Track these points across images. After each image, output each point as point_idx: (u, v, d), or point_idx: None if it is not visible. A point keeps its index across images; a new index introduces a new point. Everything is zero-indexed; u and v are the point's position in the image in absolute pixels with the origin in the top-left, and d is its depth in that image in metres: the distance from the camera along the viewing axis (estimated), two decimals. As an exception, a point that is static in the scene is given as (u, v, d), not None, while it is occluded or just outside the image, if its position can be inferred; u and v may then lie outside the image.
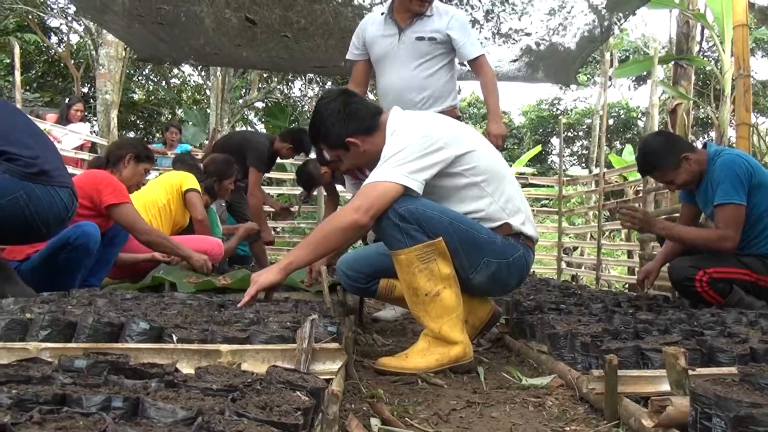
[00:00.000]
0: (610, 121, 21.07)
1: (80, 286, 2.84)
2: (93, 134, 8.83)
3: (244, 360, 1.39)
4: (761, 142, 8.58)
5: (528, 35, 5.91)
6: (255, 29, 5.72)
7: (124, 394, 0.83)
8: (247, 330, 1.53)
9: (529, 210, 2.27)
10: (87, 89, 16.38)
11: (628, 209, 3.02)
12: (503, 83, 7.06)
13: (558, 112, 23.91)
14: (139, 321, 1.49)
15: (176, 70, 19.00)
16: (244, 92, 17.67)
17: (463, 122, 2.49)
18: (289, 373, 1.07)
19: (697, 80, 8.39)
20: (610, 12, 5.36)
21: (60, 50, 16.07)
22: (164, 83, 19.29)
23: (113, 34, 7.42)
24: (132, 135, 18.82)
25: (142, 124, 19.95)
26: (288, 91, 18.72)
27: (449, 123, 2.20)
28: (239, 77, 15.94)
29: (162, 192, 3.98)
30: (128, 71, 13.92)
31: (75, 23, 14.83)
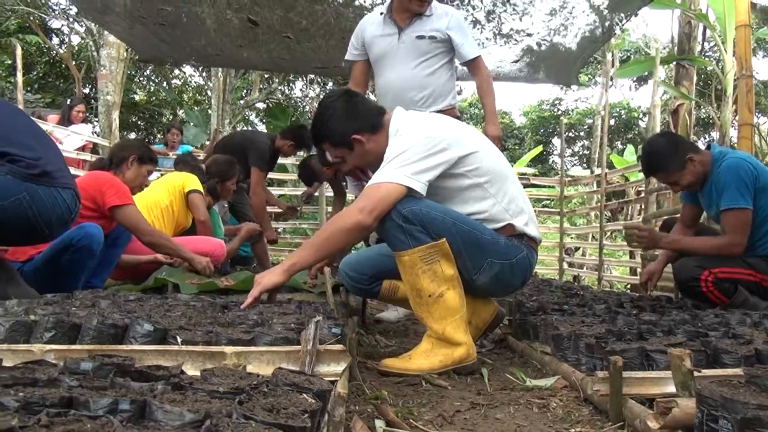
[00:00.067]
0: (611, 122, 21.05)
1: (83, 288, 2.84)
2: (94, 135, 8.83)
3: (249, 362, 1.38)
4: (762, 143, 8.56)
5: (529, 36, 5.92)
6: (256, 30, 5.73)
7: (131, 397, 0.83)
8: (252, 332, 1.53)
9: (532, 211, 2.27)
10: (88, 90, 16.40)
11: (633, 229, 3.03)
12: (505, 83, 7.06)
13: (559, 113, 23.90)
14: (144, 323, 1.49)
15: (177, 71, 19.02)
16: (246, 93, 17.68)
17: (464, 122, 2.50)
18: (295, 375, 1.06)
19: (699, 80, 8.38)
20: (612, 12, 5.36)
21: (61, 51, 16.10)
22: (165, 84, 19.30)
23: (115, 35, 7.43)
24: (133, 136, 18.85)
25: (144, 125, 19.97)
26: (289, 92, 18.74)
27: (452, 124, 2.20)
28: (240, 78, 15.95)
29: (164, 193, 3.98)
30: (129, 72, 13.94)
31: (76, 24, 14.87)
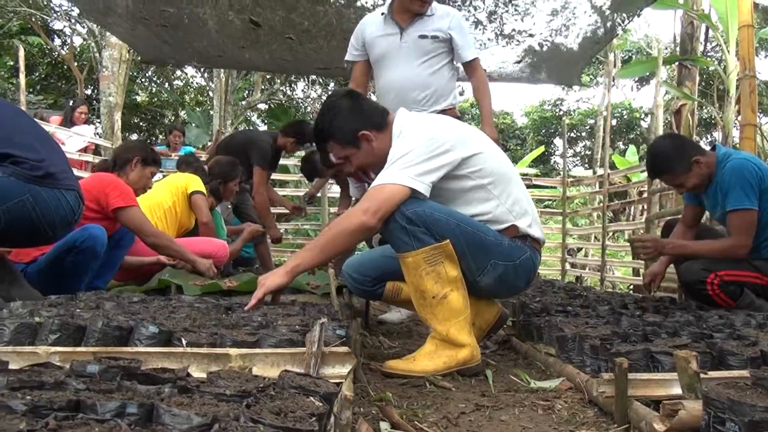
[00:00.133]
0: (613, 122, 21.04)
1: (86, 289, 2.84)
2: (96, 136, 8.84)
3: (254, 364, 1.38)
4: (765, 143, 8.54)
5: (531, 36, 5.91)
6: (258, 31, 5.73)
7: (138, 400, 0.83)
8: (256, 333, 1.53)
9: (536, 212, 2.27)
10: (90, 91, 16.43)
11: (636, 242, 3.04)
12: (507, 84, 7.07)
13: (561, 113, 23.89)
14: (148, 325, 1.49)
15: (179, 72, 19.06)
16: (247, 94, 17.71)
17: (465, 123, 2.51)
18: (302, 378, 1.06)
19: (700, 80, 8.36)
20: (614, 13, 5.36)
21: (63, 53, 16.12)
22: (167, 85, 19.34)
23: (117, 37, 7.44)
24: (135, 137, 18.87)
25: (145, 126, 20.00)
26: (291, 93, 18.77)
27: (456, 125, 2.20)
28: (242, 79, 15.97)
29: (167, 194, 3.99)
30: (131, 73, 13.95)
31: (78, 26, 14.88)
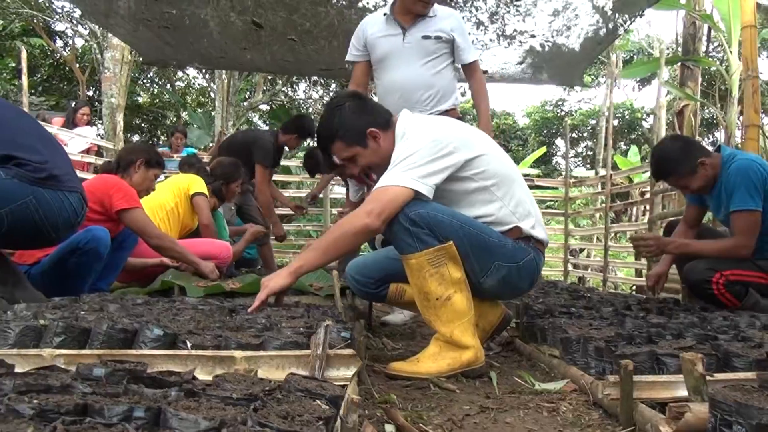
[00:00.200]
0: (615, 122, 21.04)
1: (89, 290, 2.85)
2: (99, 138, 8.85)
3: (259, 366, 1.38)
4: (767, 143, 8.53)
5: (533, 37, 5.91)
6: (260, 32, 5.74)
7: (146, 404, 0.83)
8: (261, 336, 1.53)
9: (539, 213, 2.26)
10: (92, 93, 16.45)
11: (638, 240, 3.04)
12: (508, 84, 7.07)
13: (562, 113, 23.87)
14: (153, 327, 1.49)
15: (180, 73, 19.08)
16: (249, 95, 17.72)
17: (467, 124, 2.52)
18: (308, 381, 1.06)
19: (702, 80, 8.34)
20: (616, 13, 5.35)
21: (65, 54, 16.14)
22: (169, 86, 19.35)
23: (119, 38, 7.45)
24: (137, 138, 18.89)
25: (147, 128, 20.02)
26: (293, 94, 18.76)
27: (459, 127, 2.20)
28: (244, 80, 15.98)
29: (170, 195, 3.99)
30: (133, 75, 13.96)
31: (80, 27, 14.89)
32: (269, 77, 16.88)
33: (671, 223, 3.53)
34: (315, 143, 5.58)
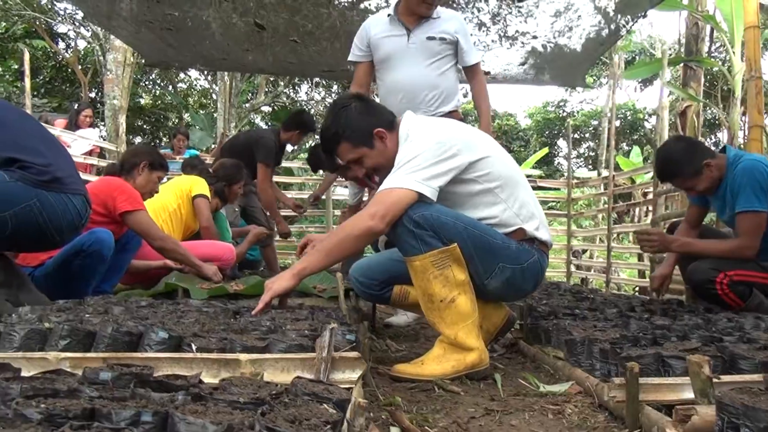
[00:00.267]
0: (617, 123, 21.02)
1: (93, 293, 2.85)
2: (101, 139, 8.86)
3: (264, 369, 1.38)
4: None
5: (535, 38, 5.90)
6: (262, 34, 5.73)
7: (153, 408, 0.83)
8: (266, 338, 1.53)
9: (543, 215, 2.26)
10: (94, 94, 16.47)
11: (643, 234, 3.03)
12: (511, 85, 7.07)
13: (564, 114, 23.85)
14: (158, 330, 1.49)
15: (182, 75, 19.10)
16: (251, 96, 17.74)
17: (469, 124, 2.53)
18: (314, 385, 1.06)
19: (704, 81, 8.31)
20: (618, 14, 5.34)
21: (67, 56, 16.17)
22: (171, 88, 19.38)
23: (121, 40, 7.46)
24: (139, 140, 18.92)
25: (149, 129, 20.05)
26: (294, 95, 18.77)
27: (463, 129, 2.20)
28: (246, 81, 16.00)
29: (172, 197, 4.00)
30: (135, 76, 13.98)
31: (82, 29, 14.92)
32: (271, 79, 16.90)
33: (674, 224, 3.52)
34: (317, 138, 5.61)
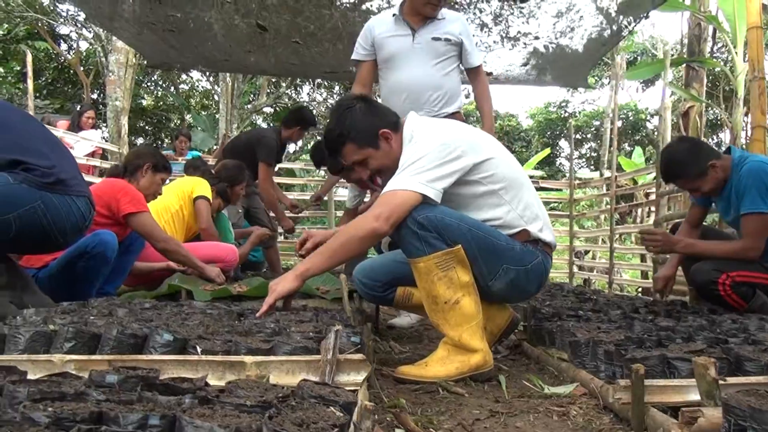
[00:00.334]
0: (619, 123, 20.97)
1: (96, 294, 2.85)
2: (103, 141, 8.87)
3: (269, 371, 1.38)
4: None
5: (537, 38, 5.90)
6: (264, 35, 5.74)
7: (160, 412, 0.83)
8: (271, 341, 1.53)
9: (547, 216, 2.26)
10: (96, 96, 16.49)
11: (648, 233, 3.02)
12: (513, 86, 7.06)
13: (566, 115, 23.83)
14: (163, 333, 1.49)
15: (184, 76, 19.11)
16: (253, 97, 17.74)
17: (471, 125, 2.54)
18: (321, 387, 1.06)
19: (706, 81, 8.29)
20: (620, 15, 5.34)
21: (70, 57, 16.19)
22: (173, 89, 19.39)
23: (123, 41, 7.46)
24: (141, 141, 18.93)
25: (151, 130, 20.06)
26: (296, 96, 18.78)
27: (467, 130, 2.19)
28: (248, 82, 16.01)
29: (174, 198, 4.00)
30: (137, 77, 14.00)
31: (84, 30, 14.95)
32: (273, 80, 16.91)
33: (677, 225, 3.52)
34: (317, 133, 5.62)
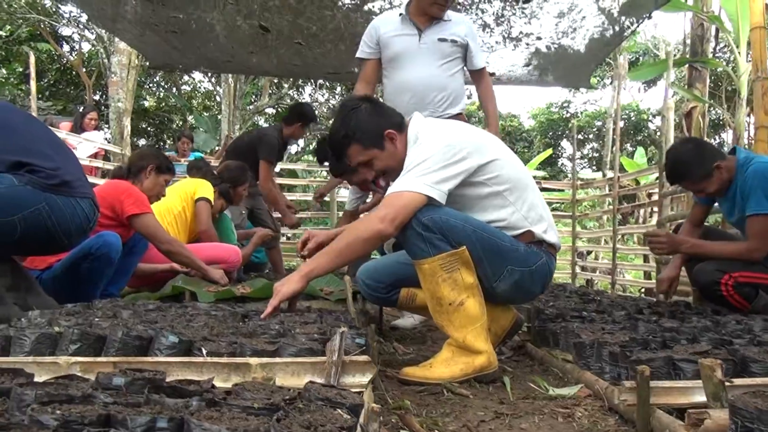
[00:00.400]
0: (621, 124, 20.95)
1: (100, 296, 2.85)
2: (106, 142, 8.88)
3: (275, 373, 1.38)
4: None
5: (539, 39, 5.90)
6: (266, 36, 5.74)
7: (168, 414, 0.83)
8: (276, 342, 1.53)
9: (551, 217, 2.26)
10: (99, 97, 16.52)
11: (654, 235, 3.03)
12: (515, 87, 7.06)
13: (568, 115, 23.81)
14: (168, 334, 1.49)
15: (186, 77, 19.13)
16: (255, 98, 17.76)
17: (473, 125, 2.55)
18: (327, 390, 1.06)
19: (709, 81, 8.27)
20: (622, 15, 5.33)
21: (72, 59, 16.22)
22: (175, 90, 19.41)
23: (125, 42, 7.47)
24: (143, 142, 18.96)
25: (153, 131, 20.08)
26: (298, 97, 18.77)
27: (472, 131, 2.19)
28: (250, 83, 16.02)
29: (177, 199, 4.00)
30: (139, 79, 14.01)
31: (87, 32, 14.96)
32: (275, 81, 16.92)
33: (680, 226, 3.52)
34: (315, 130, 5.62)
